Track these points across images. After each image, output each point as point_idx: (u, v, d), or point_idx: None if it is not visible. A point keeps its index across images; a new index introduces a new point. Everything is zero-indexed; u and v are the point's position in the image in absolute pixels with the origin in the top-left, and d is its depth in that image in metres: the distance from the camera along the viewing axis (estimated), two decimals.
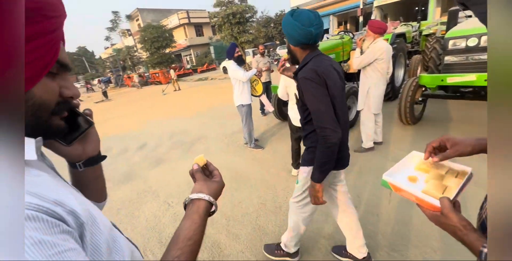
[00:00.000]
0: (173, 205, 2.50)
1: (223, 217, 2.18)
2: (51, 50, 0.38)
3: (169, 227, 2.17)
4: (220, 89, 10.41)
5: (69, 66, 0.43)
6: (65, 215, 0.34)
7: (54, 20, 0.38)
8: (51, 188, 0.36)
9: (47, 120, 0.40)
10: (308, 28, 1.07)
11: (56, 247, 0.30)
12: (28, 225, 0.29)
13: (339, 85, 1.16)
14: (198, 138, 4.50)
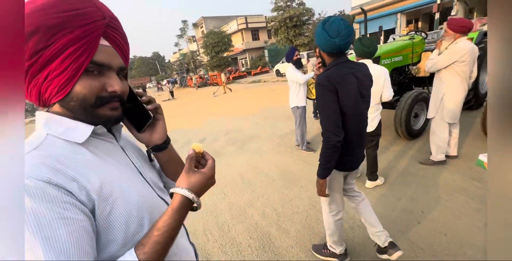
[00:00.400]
0: (228, 194, 2.75)
1: (274, 212, 2.30)
2: (84, 53, 0.43)
3: (224, 213, 2.41)
4: (272, 91, 10.65)
5: (108, 65, 0.47)
6: (77, 190, 0.41)
7: (87, 27, 0.43)
8: (77, 167, 0.44)
9: (92, 111, 0.47)
10: (333, 39, 1.16)
11: (52, 213, 0.36)
12: (31, 191, 0.36)
13: (354, 93, 1.23)
14: (251, 137, 4.76)
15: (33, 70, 0.42)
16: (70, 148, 0.46)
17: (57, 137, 0.47)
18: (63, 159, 0.43)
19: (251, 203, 2.52)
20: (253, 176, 3.10)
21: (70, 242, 0.38)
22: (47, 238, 0.36)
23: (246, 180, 3.02)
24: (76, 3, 0.43)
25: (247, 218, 2.28)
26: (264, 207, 2.41)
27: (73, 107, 0.46)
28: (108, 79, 0.47)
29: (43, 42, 0.41)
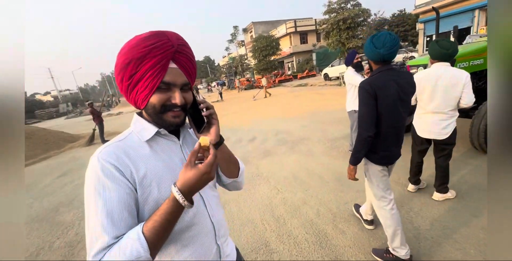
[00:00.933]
0: (282, 191, 2.88)
1: (329, 212, 2.33)
2: (158, 76, 0.58)
3: (279, 207, 2.54)
4: (321, 95, 10.44)
5: (173, 83, 0.60)
6: (129, 174, 0.58)
7: (160, 56, 0.57)
8: (135, 159, 0.61)
9: (160, 116, 0.63)
10: (378, 49, 1.36)
11: (101, 182, 0.55)
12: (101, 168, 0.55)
13: (392, 97, 1.39)
14: (300, 138, 4.81)
15: (130, 88, 0.61)
16: (138, 143, 0.64)
17: (135, 133, 0.66)
18: (129, 151, 0.62)
19: (304, 201, 2.59)
20: (305, 176, 3.16)
21: (116, 202, 0.55)
22: (104, 198, 0.55)
23: (298, 179, 3.10)
24: (153, 39, 0.58)
25: (302, 214, 2.36)
26: (318, 206, 2.45)
27: (150, 113, 0.64)
28: (172, 94, 0.61)
29: (134, 69, 0.58)
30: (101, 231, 0.52)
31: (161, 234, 0.54)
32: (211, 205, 0.73)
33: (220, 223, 0.75)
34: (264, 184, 3.13)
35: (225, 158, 0.75)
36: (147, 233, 0.52)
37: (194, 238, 0.67)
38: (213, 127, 0.68)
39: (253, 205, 2.67)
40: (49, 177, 4.87)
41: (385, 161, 1.58)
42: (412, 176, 2.42)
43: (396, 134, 1.49)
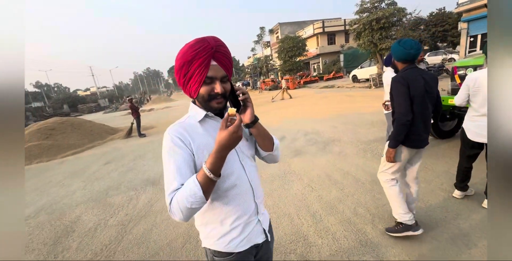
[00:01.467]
0: (316, 189, 2.92)
1: (367, 212, 2.33)
2: (203, 72, 0.77)
3: (314, 204, 2.58)
4: (349, 97, 10.17)
5: (214, 77, 0.78)
6: (188, 143, 0.80)
7: (203, 57, 0.75)
8: (192, 134, 0.82)
9: (208, 104, 0.82)
10: (408, 50, 1.66)
11: (171, 148, 0.79)
12: (170, 138, 0.79)
13: (421, 89, 1.67)
14: (331, 139, 4.78)
15: (185, 83, 0.81)
16: (193, 124, 0.85)
17: (191, 116, 0.87)
18: (188, 128, 0.84)
19: (340, 199, 2.61)
20: (339, 176, 3.16)
21: (182, 161, 0.78)
22: (174, 158, 0.78)
23: (332, 179, 3.12)
24: (197, 45, 0.76)
25: (339, 212, 2.39)
26: (355, 206, 2.46)
27: (200, 101, 0.84)
28: (215, 85, 0.79)
29: (186, 69, 0.78)
30: (173, 179, 0.76)
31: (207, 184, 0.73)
32: (250, 172, 0.91)
33: (257, 187, 0.94)
34: (297, 181, 3.18)
35: (261, 134, 0.91)
36: (199, 179, 0.72)
37: (238, 195, 0.87)
38: (248, 109, 0.86)
39: (288, 200, 2.74)
40: (96, 164, 5.38)
41: (415, 144, 1.78)
42: (459, 182, 2.32)
43: (423, 121, 1.74)
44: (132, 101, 8.27)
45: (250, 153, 0.94)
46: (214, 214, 0.87)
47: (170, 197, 0.74)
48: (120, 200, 3.34)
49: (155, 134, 8.30)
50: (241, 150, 0.91)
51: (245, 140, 0.94)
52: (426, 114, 1.73)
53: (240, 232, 0.89)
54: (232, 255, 0.89)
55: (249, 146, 0.95)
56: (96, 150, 7.02)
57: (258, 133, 0.90)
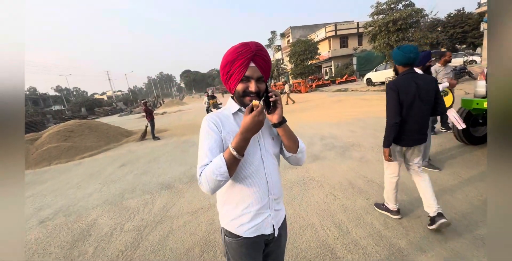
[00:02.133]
0: (339, 197, 2.74)
1: (399, 225, 2.14)
2: (242, 72, 0.89)
3: (339, 214, 2.41)
4: (365, 101, 9.88)
5: (251, 77, 0.89)
6: (221, 129, 0.93)
7: (243, 59, 0.87)
8: (225, 122, 0.95)
9: (241, 99, 0.94)
10: (408, 54, 1.85)
11: (207, 131, 0.93)
12: (206, 122, 0.94)
13: (412, 94, 1.86)
14: (350, 144, 4.58)
15: (227, 80, 0.94)
16: (227, 115, 0.98)
17: (227, 108, 1.00)
18: (222, 118, 0.97)
19: (367, 210, 2.43)
20: (363, 184, 2.97)
21: (214, 143, 0.91)
22: (208, 139, 0.92)
23: (356, 187, 2.93)
24: (240, 48, 0.89)
25: (367, 224, 2.21)
26: (384, 217, 2.27)
27: (236, 96, 0.96)
28: (250, 84, 0.91)
29: (229, 68, 0.91)
30: (204, 156, 0.90)
31: (231, 161, 0.84)
32: (269, 168, 0.98)
33: (274, 183, 1.00)
34: (318, 188, 3.02)
35: (286, 135, 0.96)
36: (225, 156, 0.85)
37: (252, 185, 0.96)
38: (277, 110, 0.92)
39: (310, 209, 2.59)
40: (111, 166, 5.43)
41: (404, 143, 2.02)
42: None
43: (417, 122, 1.93)
44: (146, 104, 8.39)
45: (273, 151, 1.01)
46: (231, 196, 0.98)
47: (200, 170, 0.87)
48: (135, 203, 3.29)
49: (168, 136, 8.36)
50: (265, 146, 0.99)
51: (271, 139, 1.01)
52: (418, 116, 1.92)
53: (250, 219, 0.97)
54: (240, 238, 0.98)
55: (273, 144, 1.02)
56: (111, 152, 7.12)
57: (284, 133, 0.96)
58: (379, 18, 12.48)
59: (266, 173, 0.97)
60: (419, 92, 1.85)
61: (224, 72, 0.93)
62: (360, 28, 25.47)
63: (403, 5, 12.06)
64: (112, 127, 9.49)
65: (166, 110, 23.83)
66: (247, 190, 0.96)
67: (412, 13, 11.32)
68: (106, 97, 56.91)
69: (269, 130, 1.02)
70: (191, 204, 3.06)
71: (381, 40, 12.09)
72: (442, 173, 2.99)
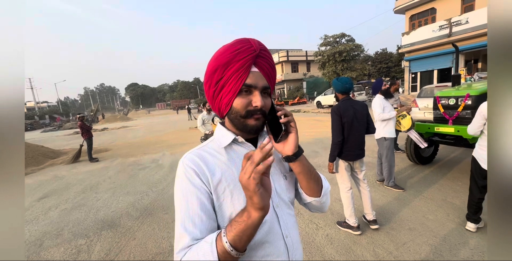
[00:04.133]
0: (321, 226, 2.54)
1: (390, 255, 2.02)
2: (240, 79, 0.60)
3: (326, 246, 2.18)
4: (320, 122, 10.57)
5: (254, 86, 0.61)
6: (206, 179, 0.61)
7: (243, 60, 0.59)
8: (212, 165, 0.63)
9: (243, 121, 0.62)
10: (345, 85, 2.26)
11: (186, 186, 0.59)
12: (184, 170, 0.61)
13: (350, 117, 2.24)
14: (317, 166, 4.59)
15: (216, 93, 0.63)
16: (216, 150, 0.66)
17: (216, 140, 0.68)
18: (207, 157, 0.64)
19: (353, 240, 2.27)
20: (341, 209, 2.86)
21: (196, 206, 0.58)
22: (186, 201, 0.59)
23: (335, 213, 2.80)
24: (237, 45, 0.60)
25: (357, 256, 2.03)
26: (373, 247, 2.14)
27: (233, 119, 0.64)
28: (253, 97, 0.61)
29: (220, 75, 0.61)
30: (183, 232, 0.57)
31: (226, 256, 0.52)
32: (287, 224, 0.67)
33: (295, 245, 0.68)
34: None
35: (305, 171, 0.66)
36: (219, 251, 0.51)
37: (266, 257, 0.62)
38: (291, 136, 0.64)
39: None
40: (27, 200, 4.12)
41: (349, 158, 2.34)
42: (472, 214, 2.22)
43: (355, 140, 2.28)
44: (83, 119, 7.06)
45: (288, 197, 0.70)
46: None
47: (180, 256, 0.55)
48: (61, 254, 2.42)
49: (110, 158, 7.09)
50: (277, 191, 0.67)
51: (283, 178, 0.70)
52: (357, 135, 2.28)
53: None
54: None
55: (287, 186, 0.71)
56: (28, 179, 5.52)
57: (302, 169, 0.66)
58: (327, 49, 14.12)
59: (284, 233, 0.66)
60: (355, 115, 2.25)
61: (212, 84, 0.63)
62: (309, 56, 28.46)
63: (346, 39, 14.00)
64: (31, 146, 7.59)
65: (106, 126, 20.96)
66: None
67: (353, 47, 13.20)
68: (26, 109, 47.30)
69: (279, 166, 0.71)
70: (146, 248, 2.40)
71: (330, 68, 13.57)
72: (407, 193, 3.14)
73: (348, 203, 2.38)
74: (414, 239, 2.19)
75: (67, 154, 7.67)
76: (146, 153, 7.30)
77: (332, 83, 2.32)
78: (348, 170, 2.42)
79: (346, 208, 2.39)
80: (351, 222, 2.35)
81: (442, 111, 3.28)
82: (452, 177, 3.52)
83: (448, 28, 12.75)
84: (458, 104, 3.12)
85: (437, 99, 3.34)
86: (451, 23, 12.59)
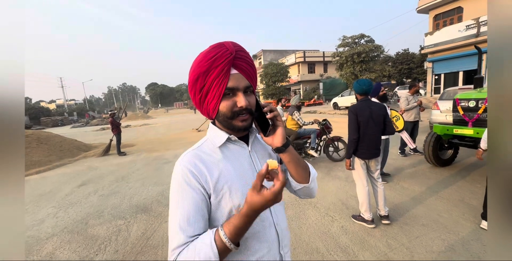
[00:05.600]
0: (336, 218, 2.70)
1: (402, 246, 2.15)
2: (222, 83, 0.63)
3: (341, 236, 2.35)
4: (335, 123, 10.54)
5: (236, 88, 0.64)
6: (204, 179, 0.64)
7: (221, 65, 0.63)
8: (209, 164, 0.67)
9: (230, 122, 0.67)
10: (362, 86, 2.44)
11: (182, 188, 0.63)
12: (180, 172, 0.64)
13: (366, 116, 2.38)
14: (333, 164, 4.71)
15: (201, 100, 0.68)
16: (211, 149, 0.71)
17: (209, 140, 0.72)
18: (204, 158, 0.68)
19: (367, 231, 2.42)
20: (356, 204, 3.00)
21: (192, 206, 0.62)
22: (182, 201, 0.63)
23: (350, 207, 2.94)
24: (213, 52, 0.64)
25: (371, 246, 2.18)
26: (386, 239, 2.28)
27: (221, 120, 0.69)
28: (237, 98, 0.65)
29: (202, 82, 0.65)
30: (178, 230, 0.60)
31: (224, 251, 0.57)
32: (277, 213, 0.74)
33: (284, 232, 0.75)
34: (313, 210, 2.95)
35: (293, 160, 0.71)
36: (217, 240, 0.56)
37: (261, 245, 0.68)
38: (278, 129, 0.69)
39: (310, 232, 2.48)
40: (68, 186, 4.62)
41: (364, 156, 2.46)
42: None
43: (370, 139, 2.41)
44: (114, 116, 7.65)
45: None
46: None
47: (174, 257, 0.58)
48: (105, 231, 2.78)
49: (135, 152, 7.62)
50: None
51: None
52: (372, 135, 2.40)
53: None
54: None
55: None
56: (66, 169, 6.13)
57: (291, 158, 0.70)
58: (345, 50, 13.98)
59: (275, 221, 0.72)
60: (371, 115, 2.38)
61: (196, 91, 0.67)
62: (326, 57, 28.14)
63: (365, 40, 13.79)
64: (67, 139, 8.33)
65: (129, 123, 22.10)
66: (255, 255, 0.68)
67: (373, 48, 12.98)
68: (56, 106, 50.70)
69: (268, 158, 0.76)
70: None
71: (347, 69, 13.44)
72: (423, 192, 3.21)
73: (364, 199, 2.50)
74: (427, 234, 2.30)
75: (98, 147, 8.32)
76: (168, 148, 7.75)
77: (353, 85, 2.51)
78: (364, 168, 2.53)
79: (362, 204, 2.51)
80: (366, 216, 2.48)
81: (462, 114, 3.31)
82: (471, 179, 3.51)
83: (476, 28, 12.19)
84: (479, 106, 3.14)
85: (457, 102, 3.36)
86: (479, 23, 12.02)
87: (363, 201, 2.50)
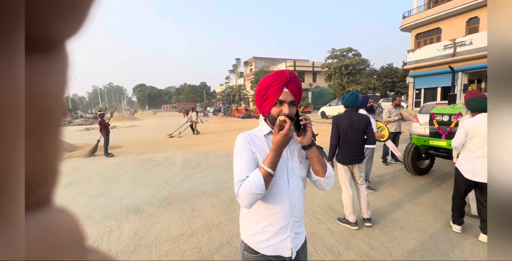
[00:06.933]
0: (323, 221, 2.87)
1: (382, 246, 2.35)
2: (276, 96, 0.96)
3: (327, 237, 2.52)
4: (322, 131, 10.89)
5: (284, 101, 0.96)
6: (252, 148, 1.01)
7: (278, 85, 0.96)
8: (256, 143, 1.03)
9: (275, 122, 0.95)
10: (343, 100, 2.80)
11: (242, 148, 1.01)
12: (240, 141, 1.03)
13: (346, 125, 2.67)
14: None
15: (261, 103, 1.01)
16: (260, 136, 1.06)
17: (259, 129, 1.09)
18: (253, 137, 1.05)
19: (351, 233, 2.60)
20: (341, 208, 3.19)
21: (249, 159, 0.98)
22: (242, 157, 0.99)
23: (335, 211, 3.13)
24: (275, 75, 0.99)
25: (354, 246, 2.36)
26: (368, 239, 2.47)
27: (270, 120, 1.03)
28: (283, 107, 0.97)
29: (264, 92, 0.99)
30: (241, 172, 0.95)
31: (266, 176, 0.91)
32: (294, 189, 1.02)
33: (297, 205, 1.03)
34: None
35: (314, 157, 1.00)
36: (261, 170, 0.91)
37: (275, 205, 0.99)
38: (307, 133, 0.98)
39: None
40: None
41: (343, 162, 2.73)
42: (457, 217, 2.54)
43: (348, 146, 2.68)
44: (103, 116, 7.53)
45: (300, 174, 1.05)
46: (253, 213, 1.02)
47: (239, 185, 0.92)
48: (96, 231, 2.78)
49: (123, 154, 7.50)
50: (292, 169, 1.03)
51: (299, 162, 1.06)
52: (350, 143, 2.67)
53: (268, 237, 0.99)
54: (258, 254, 1.01)
55: (301, 167, 1.06)
56: None
57: (313, 156, 0.99)
58: (334, 62, 14.61)
59: (291, 194, 1.00)
60: (351, 124, 2.64)
61: (259, 97, 1.00)
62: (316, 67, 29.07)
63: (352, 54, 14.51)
64: None
65: (115, 124, 21.52)
66: (270, 209, 0.99)
67: (359, 61, 13.68)
68: None
69: (297, 153, 1.06)
70: (169, 230, 2.75)
71: (335, 80, 14.01)
72: (402, 199, 3.47)
73: (348, 203, 2.70)
74: (404, 235, 2.52)
75: (83, 148, 8.10)
76: (157, 151, 7.70)
77: (341, 99, 2.90)
78: (349, 173, 2.76)
79: (346, 207, 2.71)
80: (350, 219, 2.67)
81: (437, 127, 3.65)
82: (445, 187, 3.84)
83: (452, 48, 13.23)
84: (451, 121, 3.49)
85: (433, 116, 3.71)
86: (456, 43, 13.07)
87: (347, 205, 2.70)
